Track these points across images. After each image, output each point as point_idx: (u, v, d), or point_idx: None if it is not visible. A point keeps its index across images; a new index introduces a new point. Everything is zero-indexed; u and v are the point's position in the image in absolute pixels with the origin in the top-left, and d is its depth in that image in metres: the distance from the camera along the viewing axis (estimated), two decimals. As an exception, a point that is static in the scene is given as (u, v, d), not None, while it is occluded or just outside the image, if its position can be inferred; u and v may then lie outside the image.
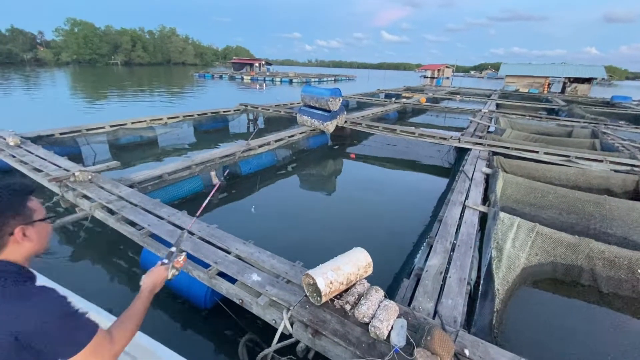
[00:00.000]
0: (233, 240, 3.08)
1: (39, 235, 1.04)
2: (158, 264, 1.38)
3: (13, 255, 0.98)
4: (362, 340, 2.05)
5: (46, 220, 1.07)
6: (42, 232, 1.05)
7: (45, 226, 1.07)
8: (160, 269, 1.34)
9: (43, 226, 1.06)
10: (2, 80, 26.86)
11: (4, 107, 14.14)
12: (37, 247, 1.04)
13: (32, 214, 1.02)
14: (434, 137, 8.29)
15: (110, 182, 4.21)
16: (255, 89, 29.15)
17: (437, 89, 28.81)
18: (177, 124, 9.15)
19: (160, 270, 1.34)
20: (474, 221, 3.90)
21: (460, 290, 2.64)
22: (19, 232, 0.97)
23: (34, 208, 1.04)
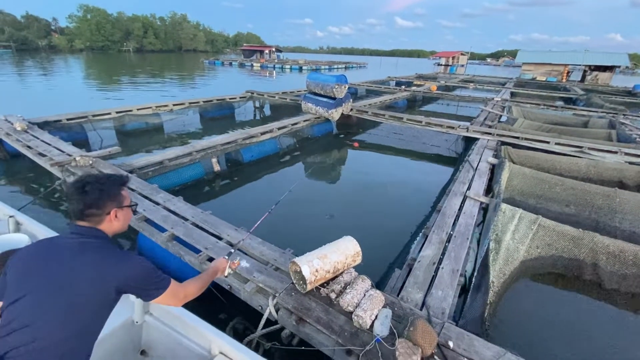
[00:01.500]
0: (225, 226, 3.09)
1: (125, 217, 1.32)
2: (223, 257, 1.81)
3: (106, 229, 1.26)
4: (345, 329, 2.03)
5: (131, 207, 1.36)
6: (127, 215, 1.34)
7: (129, 211, 1.35)
8: (223, 261, 1.74)
9: (128, 211, 1.34)
10: (18, 66, 27.40)
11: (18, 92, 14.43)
12: (121, 227, 1.32)
13: (123, 200, 1.30)
14: (441, 125, 8.09)
15: (110, 167, 4.26)
16: (265, 77, 28.99)
17: (450, 76, 28.06)
18: (182, 110, 9.18)
19: (222, 261, 1.73)
20: (473, 212, 3.80)
21: (452, 282, 2.59)
22: (114, 213, 1.25)
23: (125, 196, 1.32)
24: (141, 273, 1.22)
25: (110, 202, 1.24)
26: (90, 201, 1.20)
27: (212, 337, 1.71)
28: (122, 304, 1.69)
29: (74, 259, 1.14)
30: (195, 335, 1.80)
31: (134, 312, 1.88)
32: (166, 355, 1.92)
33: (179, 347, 1.82)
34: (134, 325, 1.90)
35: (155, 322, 1.91)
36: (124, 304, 1.83)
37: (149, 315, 1.94)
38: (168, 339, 1.86)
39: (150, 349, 1.98)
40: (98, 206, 1.22)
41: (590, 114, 11.24)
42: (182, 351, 1.82)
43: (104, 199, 1.22)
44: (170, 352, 1.88)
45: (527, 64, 35.59)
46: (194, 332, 1.79)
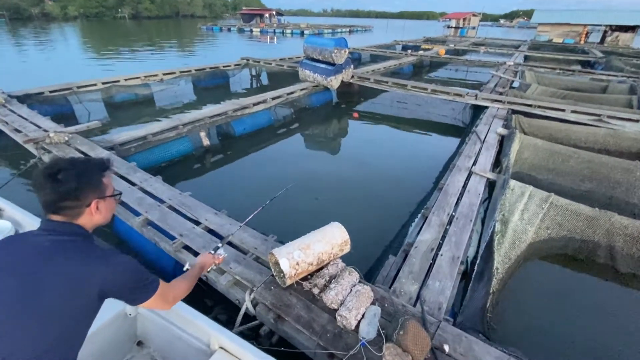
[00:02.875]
0: (205, 210, 2.83)
1: (107, 209, 1.14)
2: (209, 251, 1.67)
3: (85, 223, 1.07)
4: (328, 329, 1.81)
5: (114, 197, 1.17)
6: (110, 206, 1.15)
7: (112, 201, 1.17)
8: (208, 256, 1.62)
9: (111, 201, 1.16)
10: (9, 36, 26.39)
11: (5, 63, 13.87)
12: (103, 220, 1.14)
13: (105, 190, 1.11)
14: (448, 93, 7.55)
15: (87, 144, 3.97)
16: (265, 42, 27.67)
17: (460, 39, 26.46)
18: (173, 80, 8.69)
19: (208, 257, 1.61)
20: (479, 190, 3.49)
21: (451, 271, 2.34)
22: (94, 205, 1.07)
23: (107, 184, 1.12)
24: (126, 276, 1.06)
25: (90, 192, 1.05)
26: (65, 191, 1.00)
27: (211, 331, 1.61)
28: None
29: (46, 262, 0.96)
30: (192, 329, 1.72)
31: (126, 304, 1.75)
32: (164, 347, 1.85)
33: (177, 340, 1.74)
34: (127, 317, 1.82)
35: (149, 314, 1.83)
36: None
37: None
38: (164, 332, 1.78)
39: (147, 340, 1.91)
40: (76, 197, 1.02)
41: (609, 79, 10.46)
42: (180, 344, 1.74)
43: (83, 188, 1.03)
44: (168, 344, 1.81)
45: (543, 25, 33.35)
46: (191, 325, 1.71)
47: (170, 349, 1.83)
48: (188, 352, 1.72)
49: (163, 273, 2.71)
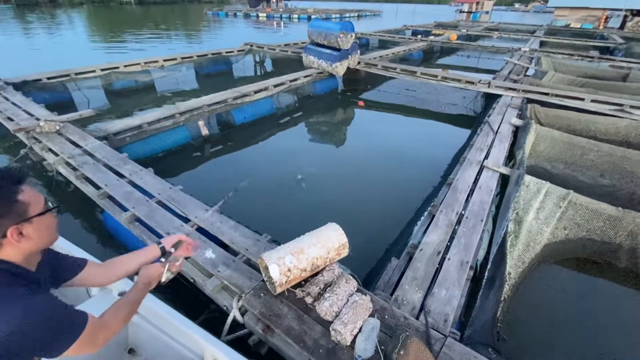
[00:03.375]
0: (195, 205, 2.65)
1: (40, 231, 0.89)
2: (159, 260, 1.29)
3: (11, 256, 0.86)
4: (321, 344, 1.64)
5: (48, 213, 0.92)
6: (43, 226, 0.91)
7: (46, 219, 0.92)
8: (157, 266, 1.25)
9: (44, 220, 0.91)
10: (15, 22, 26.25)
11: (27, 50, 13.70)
12: (40, 244, 0.92)
13: (27, 209, 0.86)
14: (459, 80, 7.18)
15: (79, 133, 3.81)
16: (271, 28, 27.05)
17: (472, 24, 25.49)
18: (174, 66, 8.44)
19: (157, 267, 1.24)
20: (491, 186, 3.24)
21: (460, 277, 2.14)
22: (13, 233, 0.83)
23: (28, 200, 0.87)
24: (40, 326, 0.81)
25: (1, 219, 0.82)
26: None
27: (204, 343, 1.52)
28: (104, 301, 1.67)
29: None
30: (186, 340, 1.65)
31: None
32: (155, 356, 1.78)
33: (169, 350, 1.67)
34: None
35: (141, 321, 1.76)
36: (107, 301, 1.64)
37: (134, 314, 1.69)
38: (156, 341, 1.71)
39: (139, 348, 1.84)
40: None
41: (630, 66, 9.89)
42: (172, 354, 1.67)
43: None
44: (159, 354, 1.74)
45: (560, 9, 31.85)
46: (183, 335, 1.65)
47: (163, 358, 1.74)
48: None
49: (151, 272, 2.56)
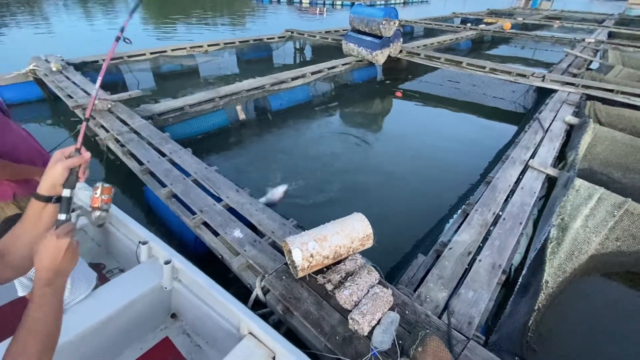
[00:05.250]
0: (228, 186, 2.75)
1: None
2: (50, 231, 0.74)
3: None
4: (338, 331, 1.65)
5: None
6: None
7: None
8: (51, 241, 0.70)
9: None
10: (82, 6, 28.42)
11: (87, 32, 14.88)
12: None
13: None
14: (509, 73, 6.68)
15: (127, 112, 4.08)
16: (314, 15, 26.82)
17: (530, 12, 23.40)
18: (218, 52, 8.68)
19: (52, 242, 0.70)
20: (534, 188, 3.01)
21: (490, 281, 2.03)
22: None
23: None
24: None
25: None
26: None
27: (242, 316, 1.59)
28: (152, 268, 1.86)
29: None
30: (224, 311, 1.72)
31: (163, 277, 1.82)
32: (195, 322, 1.90)
33: (208, 318, 1.77)
34: (163, 290, 1.87)
35: (184, 290, 1.86)
36: (154, 268, 1.86)
37: (177, 282, 1.89)
38: (197, 309, 1.83)
39: (181, 313, 1.98)
40: None
41: None
42: (211, 323, 1.76)
43: None
44: (199, 320, 1.85)
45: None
46: (222, 307, 1.71)
47: (202, 325, 1.86)
48: (218, 332, 1.74)
49: (184, 247, 2.72)
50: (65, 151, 0.81)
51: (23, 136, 1.78)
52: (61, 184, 0.78)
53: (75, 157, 0.80)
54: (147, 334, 1.91)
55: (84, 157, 0.82)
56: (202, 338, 1.91)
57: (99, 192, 1.00)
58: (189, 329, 1.95)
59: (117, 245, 2.25)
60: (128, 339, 1.83)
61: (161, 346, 1.88)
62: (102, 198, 1.00)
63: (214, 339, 1.84)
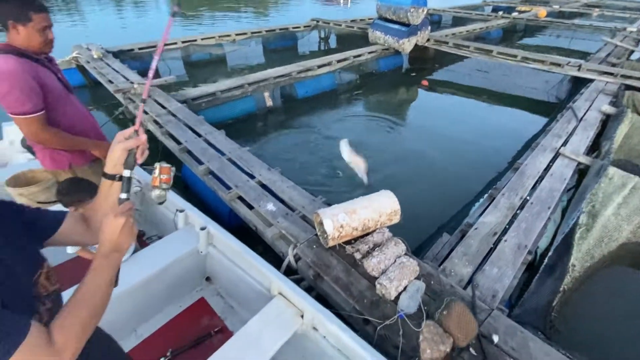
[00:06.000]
0: (260, 165, 2.90)
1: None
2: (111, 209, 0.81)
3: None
4: (366, 296, 1.76)
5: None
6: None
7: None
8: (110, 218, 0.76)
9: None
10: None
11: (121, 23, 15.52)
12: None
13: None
14: (542, 62, 6.43)
15: (164, 96, 4.31)
16: (338, 5, 26.52)
17: (567, 0, 22.10)
18: (245, 41, 8.86)
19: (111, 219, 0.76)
20: (564, 175, 2.97)
21: (515, 260, 2.07)
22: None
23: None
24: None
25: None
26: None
27: (272, 277, 1.69)
28: (188, 234, 2.01)
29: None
30: (255, 273, 1.83)
31: (199, 242, 1.97)
32: (228, 285, 2.05)
33: (240, 280, 1.90)
34: (199, 254, 2.02)
35: (218, 254, 1.99)
36: (190, 234, 2.02)
37: (212, 247, 2.03)
38: (230, 272, 1.95)
39: (214, 277, 2.15)
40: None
41: None
42: (243, 285, 1.89)
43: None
44: (232, 283, 1.99)
45: (693, -21, 25.91)
46: (254, 269, 1.83)
47: (234, 287, 2.00)
48: (249, 294, 1.86)
49: (219, 219, 2.89)
50: (125, 133, 0.85)
51: (81, 111, 1.96)
52: (121, 164, 0.83)
53: (133, 139, 0.83)
54: (184, 294, 2.09)
55: (141, 139, 0.85)
56: (234, 299, 2.07)
57: (157, 172, 1.00)
58: (223, 291, 2.12)
59: (156, 214, 2.43)
60: (168, 297, 2.01)
61: (198, 305, 2.06)
62: (161, 177, 1.00)
63: (245, 299, 1.97)
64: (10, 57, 1.53)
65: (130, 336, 1.86)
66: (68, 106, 1.81)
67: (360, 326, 1.71)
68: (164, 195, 1.02)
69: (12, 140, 3.15)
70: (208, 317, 2.01)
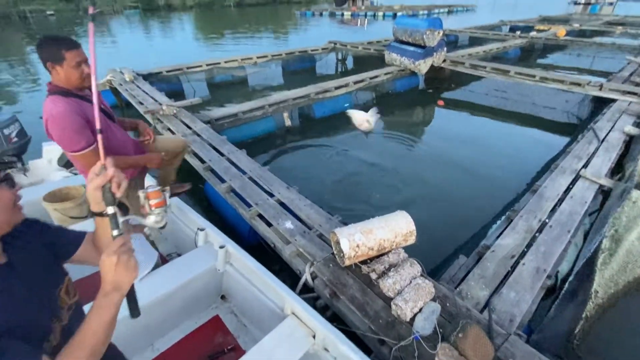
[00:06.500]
0: (279, 184, 3.01)
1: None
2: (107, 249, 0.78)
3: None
4: (381, 316, 1.79)
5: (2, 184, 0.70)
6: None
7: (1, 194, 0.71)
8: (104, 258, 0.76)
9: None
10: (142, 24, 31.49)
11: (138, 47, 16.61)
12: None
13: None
14: (562, 81, 6.40)
15: (189, 117, 4.56)
16: (354, 26, 27.28)
17: (589, 18, 21.89)
18: (266, 63, 9.26)
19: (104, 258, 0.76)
20: (586, 197, 2.92)
21: (533, 284, 2.05)
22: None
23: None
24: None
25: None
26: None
27: (286, 296, 1.73)
28: (207, 252, 2.10)
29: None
30: (270, 292, 1.88)
31: (217, 260, 2.05)
32: (243, 304, 2.10)
33: (254, 299, 1.95)
34: (217, 272, 2.09)
35: (234, 273, 2.06)
36: (209, 252, 2.09)
37: (229, 265, 2.10)
38: (245, 290, 2.01)
39: (229, 295, 2.20)
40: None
41: None
42: (257, 303, 1.94)
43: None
44: (246, 301, 2.04)
45: None
46: (269, 288, 1.87)
47: (249, 306, 2.05)
48: (263, 312, 1.91)
49: (239, 236, 3.01)
50: (94, 169, 0.80)
51: (122, 138, 2.15)
52: (101, 202, 0.81)
53: (100, 177, 0.79)
54: (200, 311, 2.16)
55: (107, 175, 0.79)
56: (247, 318, 2.12)
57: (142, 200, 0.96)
58: (236, 310, 2.17)
59: (177, 232, 2.53)
60: (185, 313, 2.08)
61: (212, 322, 2.12)
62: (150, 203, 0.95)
63: (258, 318, 2.02)
64: (58, 99, 1.66)
65: (147, 350, 1.91)
66: (110, 133, 1.99)
67: (375, 346, 1.73)
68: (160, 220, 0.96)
69: (50, 159, 3.40)
70: (222, 335, 2.06)
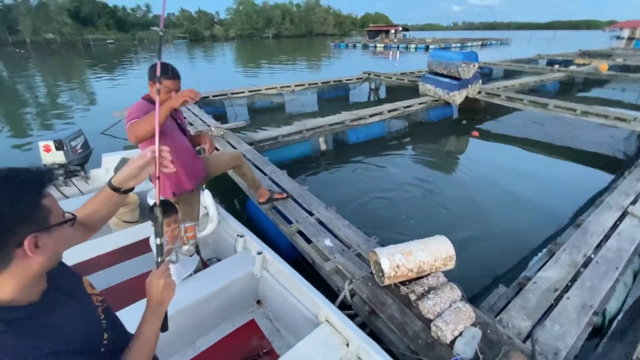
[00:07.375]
0: (317, 203, 3.17)
1: (56, 244, 0.71)
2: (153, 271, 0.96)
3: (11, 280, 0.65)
4: (421, 336, 1.82)
5: (68, 223, 0.74)
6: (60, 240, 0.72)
7: (64, 232, 0.73)
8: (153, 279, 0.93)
9: (62, 232, 0.72)
10: (189, 53, 34.37)
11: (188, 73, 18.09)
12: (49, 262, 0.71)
13: (49, 216, 0.69)
14: (606, 116, 6.23)
15: (235, 138, 4.92)
16: (386, 58, 28.11)
17: (633, 53, 21.15)
18: (302, 91, 9.78)
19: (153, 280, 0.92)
20: (634, 235, 2.81)
21: (579, 319, 1.99)
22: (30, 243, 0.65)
23: (51, 207, 0.70)
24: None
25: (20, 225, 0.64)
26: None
27: (320, 304, 1.77)
28: (245, 258, 2.19)
29: None
30: (304, 299, 1.92)
31: (255, 266, 2.16)
32: (278, 310, 2.17)
33: (289, 305, 1.99)
34: (254, 277, 2.19)
35: (270, 279, 2.14)
36: (247, 258, 2.21)
37: (266, 271, 2.19)
38: (280, 296, 2.06)
39: (265, 300, 2.29)
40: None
41: None
42: (292, 309, 1.98)
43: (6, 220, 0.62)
44: (281, 307, 2.11)
45: None
46: (304, 295, 1.91)
47: (283, 312, 2.11)
48: (297, 319, 1.96)
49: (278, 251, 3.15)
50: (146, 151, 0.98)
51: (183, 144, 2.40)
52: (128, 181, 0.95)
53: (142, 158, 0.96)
54: (237, 314, 2.24)
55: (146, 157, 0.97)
56: (281, 324, 2.18)
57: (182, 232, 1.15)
58: (271, 315, 2.24)
59: (218, 239, 2.69)
60: (223, 315, 2.17)
61: (248, 326, 2.20)
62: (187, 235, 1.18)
63: (293, 324, 2.05)
64: (143, 101, 2.03)
65: (189, 347, 2.02)
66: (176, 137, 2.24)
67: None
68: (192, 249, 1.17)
69: (108, 168, 3.77)
70: (257, 339, 2.12)
